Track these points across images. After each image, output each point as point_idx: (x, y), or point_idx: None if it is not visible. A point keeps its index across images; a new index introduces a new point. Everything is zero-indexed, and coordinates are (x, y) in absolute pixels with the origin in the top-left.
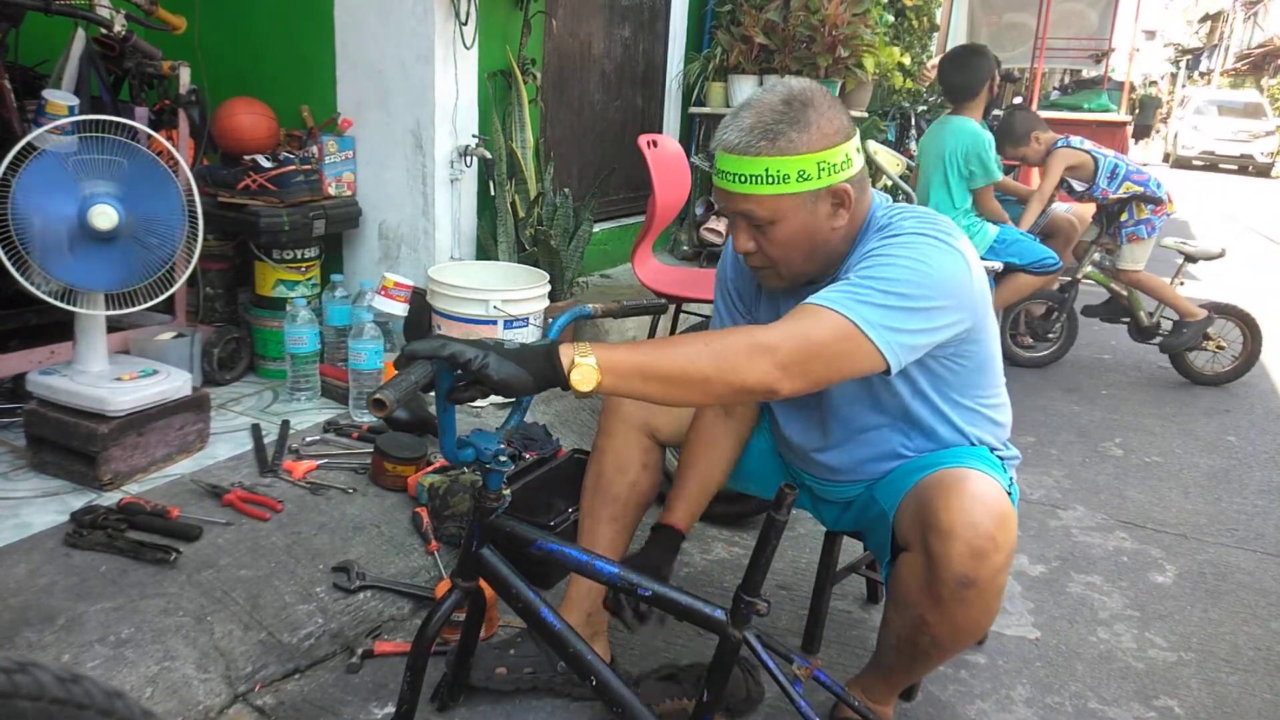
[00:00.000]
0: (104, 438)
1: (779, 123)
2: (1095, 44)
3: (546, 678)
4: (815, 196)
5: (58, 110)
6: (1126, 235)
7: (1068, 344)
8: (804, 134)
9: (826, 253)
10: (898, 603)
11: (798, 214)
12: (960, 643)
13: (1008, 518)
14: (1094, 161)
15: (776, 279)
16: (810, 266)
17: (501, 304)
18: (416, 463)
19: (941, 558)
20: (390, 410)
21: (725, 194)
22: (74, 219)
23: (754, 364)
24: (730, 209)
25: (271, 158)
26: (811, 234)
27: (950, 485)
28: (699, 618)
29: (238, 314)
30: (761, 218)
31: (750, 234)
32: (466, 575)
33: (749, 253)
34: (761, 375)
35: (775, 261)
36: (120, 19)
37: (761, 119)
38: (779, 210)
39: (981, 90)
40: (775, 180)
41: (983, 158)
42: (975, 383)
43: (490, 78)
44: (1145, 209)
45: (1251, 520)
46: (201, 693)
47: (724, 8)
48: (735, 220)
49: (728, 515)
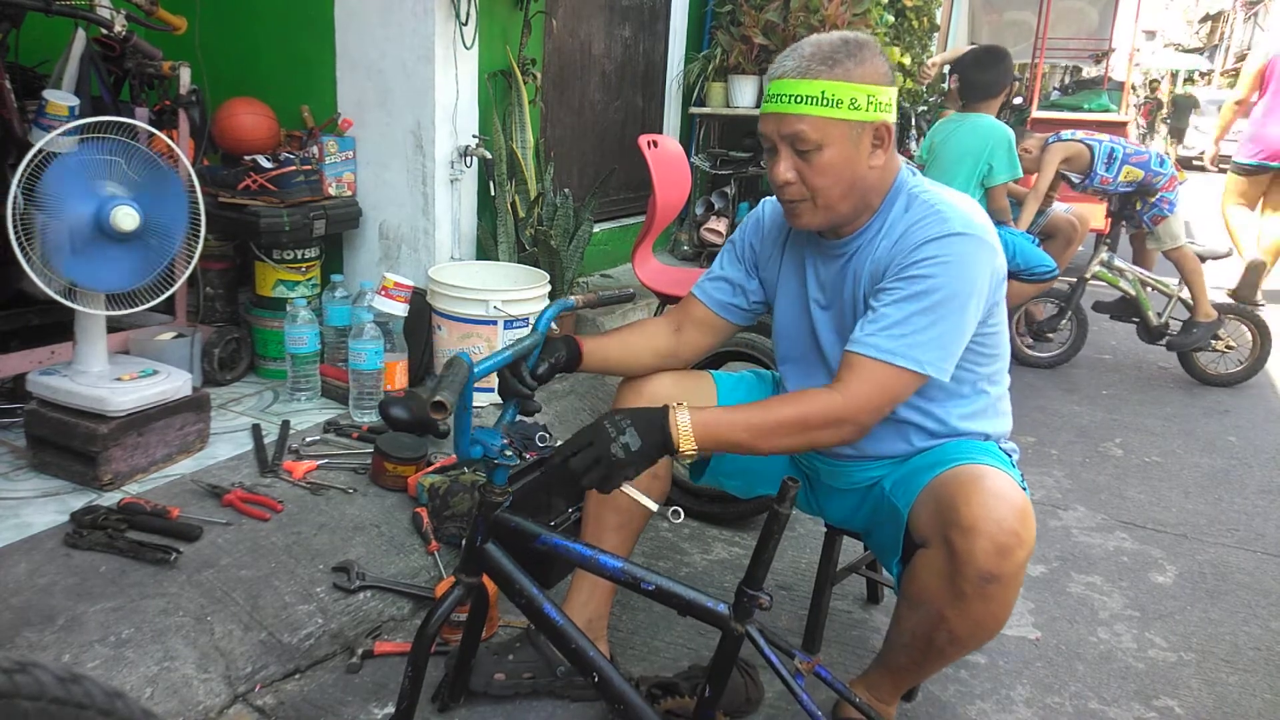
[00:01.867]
0: (104, 438)
1: (837, 52)
2: (1096, 43)
3: (546, 682)
4: (861, 129)
5: (58, 111)
6: (1151, 219)
7: (1077, 344)
8: (860, 66)
9: (862, 193)
10: (913, 599)
11: (844, 142)
12: (978, 639)
13: (1028, 514)
14: (1089, 150)
15: (811, 214)
16: (846, 205)
17: (501, 304)
18: (417, 463)
19: (965, 554)
20: (450, 412)
21: (776, 118)
22: (92, 220)
23: (831, 433)
24: (780, 132)
25: (272, 158)
26: (853, 166)
27: (970, 482)
28: (701, 611)
29: (238, 314)
30: (811, 140)
31: (793, 162)
32: (470, 570)
33: (789, 182)
34: (836, 439)
35: (816, 191)
36: (121, 19)
37: (821, 49)
38: (828, 135)
39: (1001, 92)
40: (830, 103)
41: (1010, 154)
42: (984, 363)
43: (490, 78)
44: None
45: (1252, 520)
46: (202, 693)
47: (724, 8)
48: (778, 150)
49: (727, 515)
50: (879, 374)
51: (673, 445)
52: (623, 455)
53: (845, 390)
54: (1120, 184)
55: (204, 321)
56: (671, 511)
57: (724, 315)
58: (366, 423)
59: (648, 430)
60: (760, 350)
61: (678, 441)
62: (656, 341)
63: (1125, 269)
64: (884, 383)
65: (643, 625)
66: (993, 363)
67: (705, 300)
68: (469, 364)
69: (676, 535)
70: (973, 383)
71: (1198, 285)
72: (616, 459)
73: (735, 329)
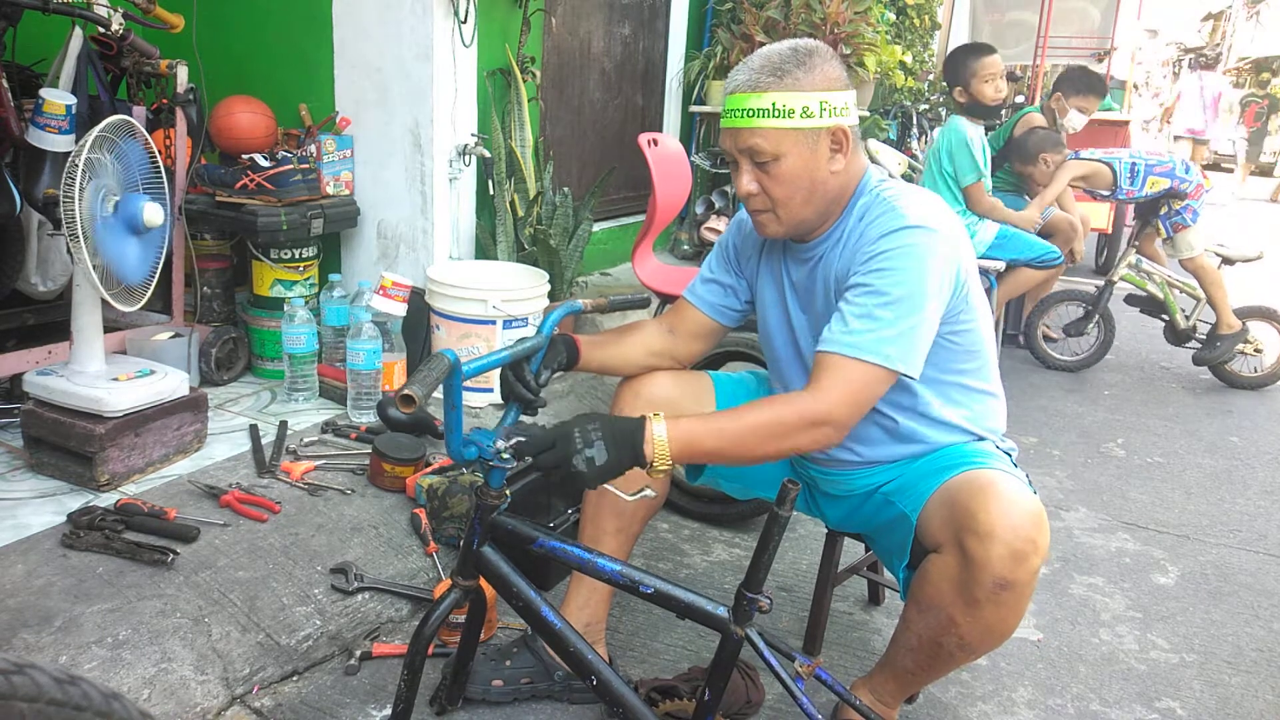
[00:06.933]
0: (101, 438)
1: (786, 63)
2: (1098, 42)
3: (545, 686)
4: (816, 136)
5: (55, 109)
6: (1172, 225)
7: (1105, 347)
8: (809, 74)
9: (824, 197)
10: (923, 603)
11: (800, 151)
12: (988, 645)
13: (1043, 520)
14: (1109, 169)
15: (776, 224)
16: (808, 210)
17: (501, 304)
18: (415, 464)
19: (980, 560)
20: (419, 405)
21: (733, 132)
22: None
23: (809, 435)
24: (737, 147)
25: (269, 157)
26: (812, 173)
27: (985, 488)
28: (701, 615)
29: (235, 314)
30: (766, 153)
31: (754, 174)
32: (467, 573)
33: (751, 194)
34: (815, 442)
35: (777, 202)
36: (118, 17)
37: (770, 60)
38: (783, 145)
39: (954, 89)
40: (781, 114)
41: (954, 156)
42: (963, 360)
43: (489, 76)
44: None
45: (1254, 521)
46: (199, 694)
47: (724, 6)
48: (739, 164)
49: (727, 516)
50: (848, 371)
51: (644, 460)
52: (584, 469)
53: (818, 391)
54: (1148, 194)
55: (201, 321)
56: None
57: (715, 317)
58: (364, 423)
59: (618, 444)
60: (759, 350)
61: (651, 457)
62: (652, 342)
63: (1153, 271)
64: (854, 380)
65: (642, 627)
66: (972, 359)
67: (696, 302)
68: (452, 361)
69: (676, 536)
70: (957, 382)
71: (1219, 298)
72: (576, 471)
73: (727, 330)
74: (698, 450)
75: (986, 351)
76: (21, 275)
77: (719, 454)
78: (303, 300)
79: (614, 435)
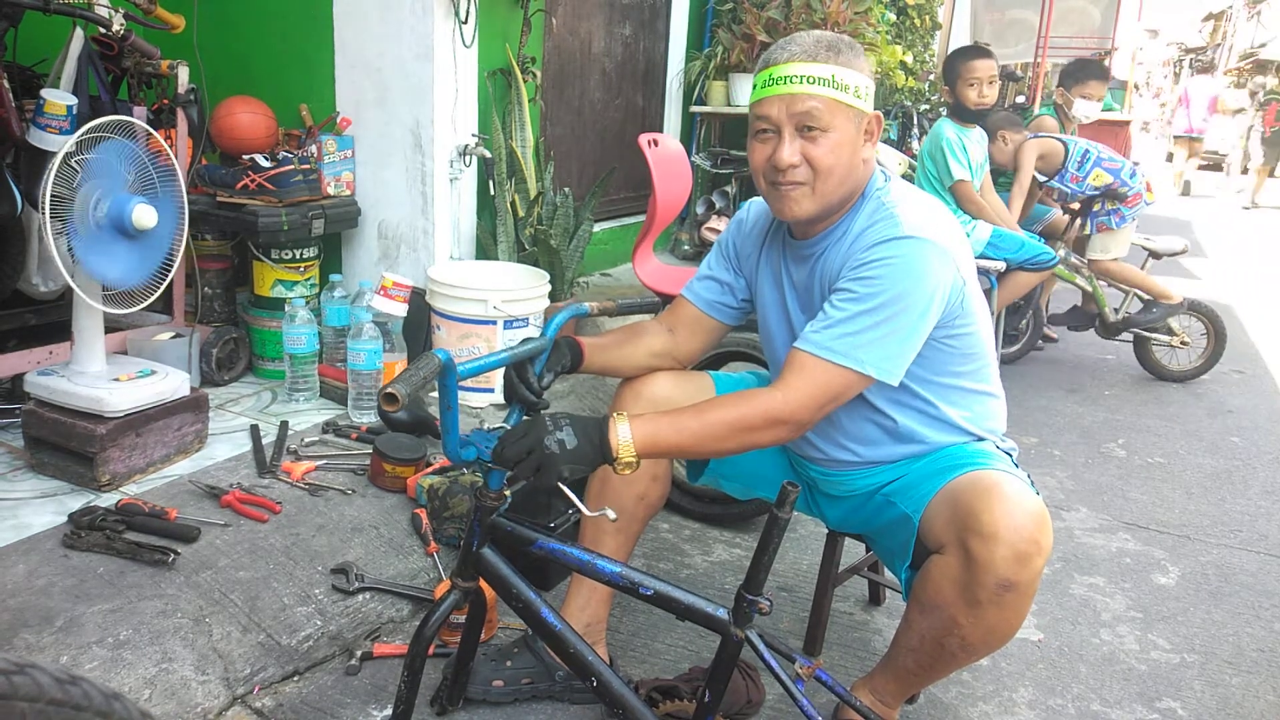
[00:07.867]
0: (102, 438)
1: (838, 43)
2: (1098, 42)
3: (545, 687)
4: (860, 118)
5: (56, 110)
6: (1096, 224)
7: (1031, 342)
8: (858, 59)
9: (852, 183)
10: (925, 604)
11: (847, 128)
12: (990, 646)
13: (1047, 522)
14: (1063, 148)
15: (809, 199)
16: (841, 191)
17: (501, 304)
18: (416, 464)
19: (984, 561)
20: (402, 404)
21: (785, 99)
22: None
23: (771, 433)
24: (789, 111)
25: (270, 157)
26: (852, 153)
27: (988, 489)
28: (701, 616)
29: (236, 314)
30: (822, 121)
31: (799, 144)
32: (466, 575)
33: (794, 165)
34: (775, 439)
35: (819, 173)
36: (119, 18)
37: (823, 39)
38: (836, 118)
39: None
40: (840, 88)
41: (934, 157)
42: (960, 362)
43: (490, 76)
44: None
45: (1255, 521)
46: (200, 694)
47: (725, 6)
48: (781, 132)
49: (727, 516)
50: (820, 372)
51: (610, 454)
52: (556, 450)
53: (785, 388)
54: (1089, 187)
55: (202, 321)
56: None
57: (714, 315)
58: (365, 423)
59: (586, 434)
60: (760, 350)
61: (616, 451)
62: (654, 343)
63: (1081, 265)
64: (824, 381)
65: (642, 627)
66: (970, 362)
67: (695, 300)
68: (443, 360)
69: (677, 537)
70: (956, 384)
71: (1140, 280)
72: (549, 451)
73: (727, 328)
74: (662, 445)
75: (986, 353)
76: (23, 275)
77: (681, 449)
78: (303, 300)
79: (582, 426)
